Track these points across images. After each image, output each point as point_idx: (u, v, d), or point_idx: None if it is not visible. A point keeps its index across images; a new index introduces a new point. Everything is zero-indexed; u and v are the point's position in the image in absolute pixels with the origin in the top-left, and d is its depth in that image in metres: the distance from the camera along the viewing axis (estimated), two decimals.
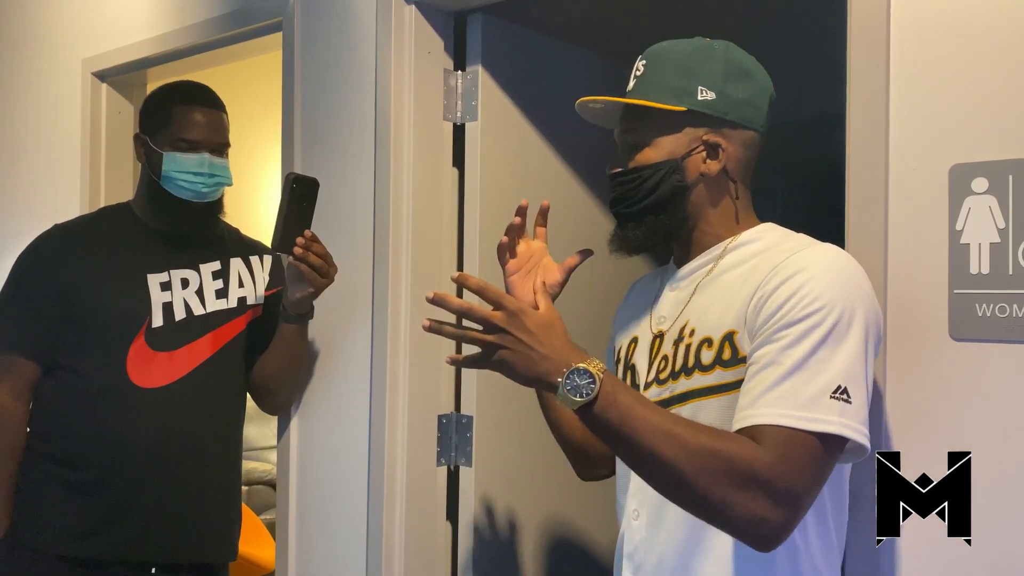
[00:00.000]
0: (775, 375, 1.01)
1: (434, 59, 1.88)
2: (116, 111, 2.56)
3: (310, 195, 1.66)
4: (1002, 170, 1.16)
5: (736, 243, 1.19)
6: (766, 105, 1.21)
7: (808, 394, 0.99)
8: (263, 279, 1.90)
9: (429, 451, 1.86)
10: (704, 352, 1.13)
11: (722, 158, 1.18)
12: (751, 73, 1.20)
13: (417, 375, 1.83)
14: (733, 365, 1.09)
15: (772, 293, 1.06)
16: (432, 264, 1.87)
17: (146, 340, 1.72)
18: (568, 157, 2.06)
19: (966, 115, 1.19)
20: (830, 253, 1.10)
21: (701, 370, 1.13)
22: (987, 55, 1.18)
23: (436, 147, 1.88)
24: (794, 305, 1.03)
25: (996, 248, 1.17)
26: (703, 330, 1.14)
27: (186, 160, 1.73)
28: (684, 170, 1.19)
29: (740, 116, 1.18)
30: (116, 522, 1.69)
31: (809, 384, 1.00)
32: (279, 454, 2.01)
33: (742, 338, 1.09)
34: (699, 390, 1.12)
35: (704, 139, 1.18)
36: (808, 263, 1.07)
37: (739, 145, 1.19)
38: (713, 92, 1.17)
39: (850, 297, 1.04)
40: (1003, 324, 1.16)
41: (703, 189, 1.20)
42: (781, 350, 1.02)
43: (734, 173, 1.20)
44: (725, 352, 1.10)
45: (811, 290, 1.03)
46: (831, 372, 1.01)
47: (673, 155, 1.19)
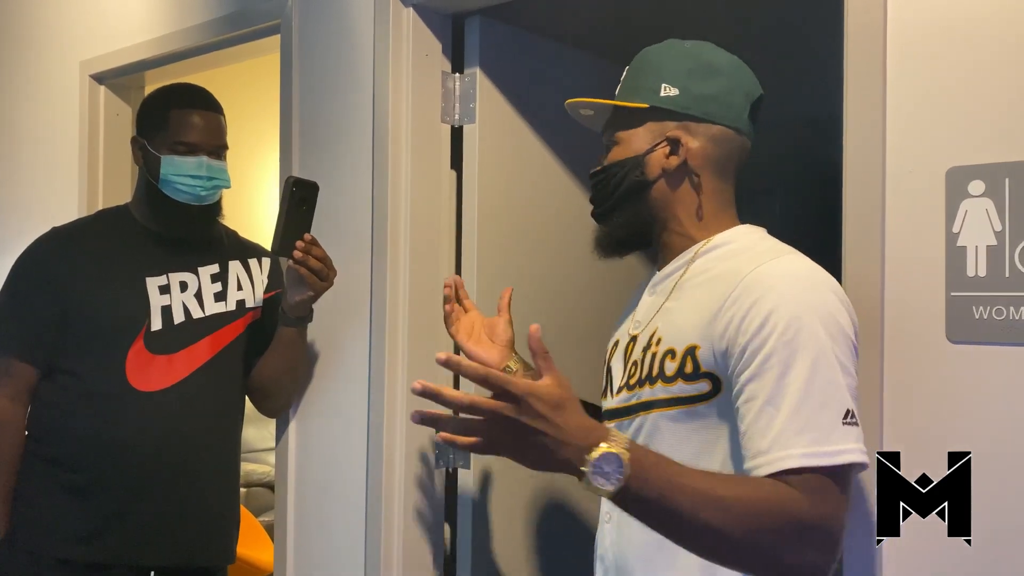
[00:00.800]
0: (781, 411, 0.99)
1: (432, 61, 1.88)
2: (114, 113, 2.56)
3: (310, 198, 1.66)
4: (999, 173, 1.17)
5: (707, 247, 1.19)
6: (739, 102, 1.20)
7: (823, 427, 0.98)
8: (262, 282, 1.90)
9: (429, 452, 1.86)
10: (668, 363, 1.13)
11: (682, 152, 1.19)
12: (720, 70, 1.20)
13: (415, 378, 1.81)
14: (694, 379, 1.10)
15: (743, 318, 1.05)
16: (430, 267, 1.87)
17: (145, 343, 1.72)
18: (566, 159, 2.06)
19: (963, 118, 1.20)
20: (790, 267, 1.08)
21: (664, 380, 1.13)
22: (984, 58, 1.19)
23: (434, 149, 1.88)
24: (770, 333, 1.02)
25: (993, 251, 1.17)
26: (667, 340, 1.15)
27: (184, 163, 1.73)
28: (645, 165, 1.20)
29: (705, 111, 1.19)
30: (115, 525, 1.69)
31: (820, 415, 0.99)
32: (277, 456, 2.01)
33: (704, 353, 1.09)
34: (662, 400, 1.13)
35: (667, 135, 1.19)
36: (771, 282, 1.05)
37: (705, 140, 1.19)
38: (676, 88, 1.19)
39: (821, 311, 1.03)
40: (1000, 326, 1.16)
41: (665, 184, 1.21)
42: (776, 382, 1.00)
43: (699, 168, 1.20)
44: (687, 365, 1.11)
45: (783, 314, 1.02)
46: (836, 397, 1.00)
47: (638, 151, 1.21)
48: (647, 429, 1.15)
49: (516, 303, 1.97)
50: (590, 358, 2.09)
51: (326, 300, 1.76)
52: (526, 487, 1.98)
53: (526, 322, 1.95)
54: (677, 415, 1.12)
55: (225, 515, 1.84)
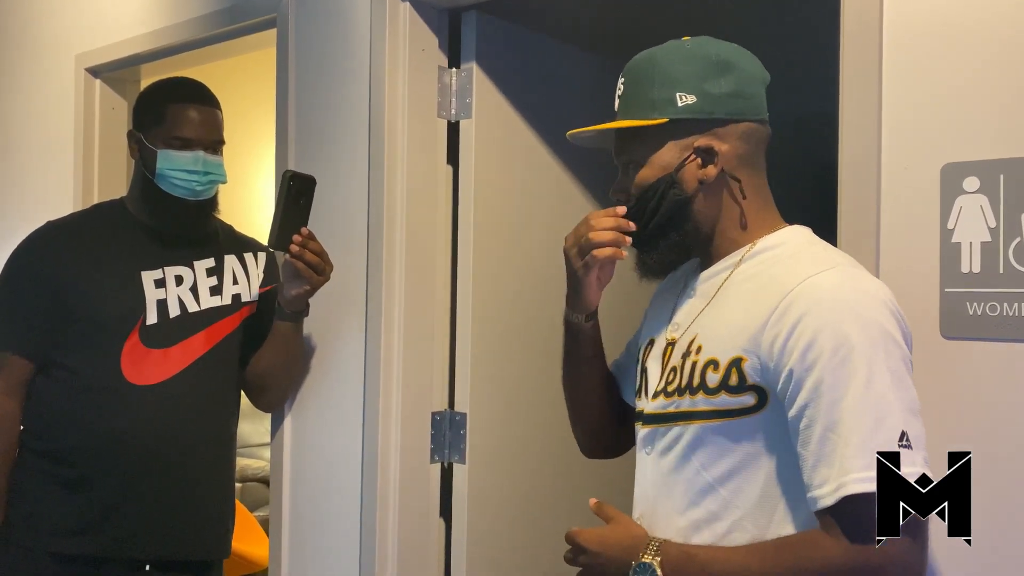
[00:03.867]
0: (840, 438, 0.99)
1: (428, 56, 1.88)
2: (110, 107, 2.56)
3: (307, 192, 1.66)
4: (993, 169, 1.17)
5: (754, 250, 1.15)
6: (758, 91, 1.16)
7: (875, 449, 0.97)
8: (257, 276, 1.90)
9: (423, 448, 1.87)
10: (710, 374, 1.10)
11: (718, 161, 1.13)
12: (732, 63, 1.15)
13: (410, 372, 1.84)
14: (739, 392, 1.08)
15: (788, 337, 1.03)
16: (426, 262, 1.87)
17: (140, 337, 1.72)
18: (563, 155, 2.06)
19: (958, 114, 1.20)
20: (836, 280, 1.05)
21: (706, 392, 1.10)
22: (980, 55, 1.19)
23: (430, 144, 1.88)
24: (818, 355, 1.00)
25: (987, 247, 1.17)
26: (709, 350, 1.12)
27: (180, 158, 1.72)
28: (681, 182, 1.15)
29: (729, 111, 1.14)
30: (110, 519, 1.69)
31: (874, 437, 0.97)
32: (272, 451, 2.02)
33: (750, 366, 1.07)
34: (703, 412, 1.11)
35: (696, 146, 1.14)
36: (817, 297, 1.03)
37: (736, 140, 1.14)
38: (693, 95, 1.13)
39: (871, 327, 1.01)
40: (994, 323, 1.16)
41: (706, 196, 1.15)
42: (830, 408, 0.99)
43: (736, 171, 1.15)
44: (732, 378, 1.08)
45: (830, 334, 1.00)
46: (888, 421, 0.98)
47: (667, 169, 1.15)
48: (687, 440, 1.13)
49: (513, 299, 1.98)
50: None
51: (322, 294, 1.76)
52: (522, 481, 1.98)
53: (526, 316, 1.97)
54: (720, 427, 1.09)
55: (220, 509, 1.84)
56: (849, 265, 1.10)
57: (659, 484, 1.18)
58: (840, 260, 1.11)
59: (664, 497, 1.17)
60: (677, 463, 1.15)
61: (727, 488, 1.10)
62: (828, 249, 1.14)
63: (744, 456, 1.09)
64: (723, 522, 1.10)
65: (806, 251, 1.13)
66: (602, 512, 1.19)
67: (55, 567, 1.68)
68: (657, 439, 1.19)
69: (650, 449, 1.20)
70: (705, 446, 1.11)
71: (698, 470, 1.12)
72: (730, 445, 1.09)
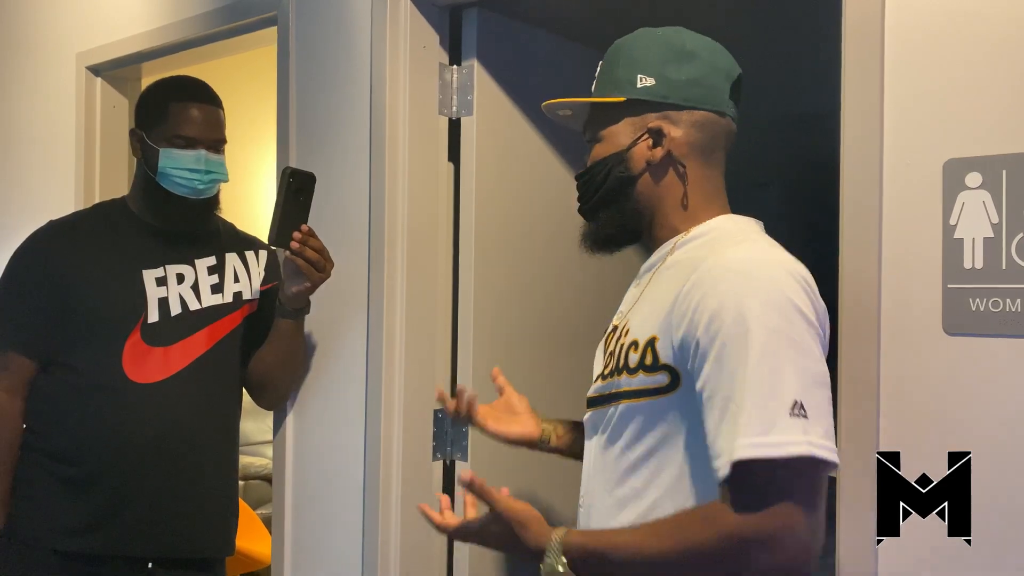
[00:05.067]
0: (736, 407, 0.97)
1: (429, 53, 1.88)
2: (111, 105, 2.55)
3: (307, 189, 1.66)
4: (996, 165, 1.17)
5: (686, 238, 1.18)
6: (720, 84, 1.18)
7: (767, 419, 0.95)
8: (258, 274, 1.90)
9: (425, 446, 1.87)
10: (631, 355, 1.13)
11: (666, 144, 1.17)
12: (696, 53, 1.18)
13: (412, 370, 1.83)
14: (653, 371, 1.09)
15: (694, 312, 1.03)
16: (428, 259, 1.87)
17: (142, 335, 1.72)
18: (564, 152, 2.06)
19: (961, 110, 1.20)
20: (742, 254, 1.06)
21: (628, 372, 1.13)
22: (982, 50, 1.19)
23: (431, 142, 1.88)
24: (719, 327, 1.00)
25: (989, 243, 1.17)
26: (633, 332, 1.15)
27: (183, 157, 1.72)
28: (629, 160, 1.19)
29: (684, 97, 1.17)
30: (112, 517, 1.69)
31: (766, 407, 0.96)
32: (275, 449, 2.02)
33: (663, 345, 1.08)
34: (626, 392, 1.14)
35: (649, 126, 1.18)
36: (720, 272, 1.03)
37: (689, 128, 1.17)
38: (652, 77, 1.17)
39: (773, 295, 1.00)
40: (997, 318, 1.16)
41: (650, 178, 1.19)
42: (730, 378, 0.98)
43: (684, 157, 1.17)
44: (647, 357, 1.10)
45: (731, 306, 1.00)
46: (785, 386, 0.96)
47: (620, 147, 1.19)
48: (617, 419, 1.16)
49: (515, 297, 1.97)
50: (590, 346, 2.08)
51: (324, 292, 1.76)
52: (524, 479, 1.98)
53: (528, 312, 1.97)
54: (639, 407, 1.12)
55: (224, 506, 1.84)
56: (766, 244, 1.11)
57: (596, 463, 1.21)
58: (755, 239, 1.12)
59: (599, 475, 1.20)
60: (607, 443, 1.18)
61: (647, 467, 1.12)
62: (749, 233, 1.15)
63: (661, 436, 1.10)
64: (644, 500, 1.12)
65: (730, 236, 1.14)
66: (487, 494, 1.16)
67: (59, 564, 1.69)
68: (597, 421, 1.21)
69: (593, 432, 1.23)
70: (628, 425, 1.13)
71: (623, 449, 1.15)
72: (649, 424, 1.11)
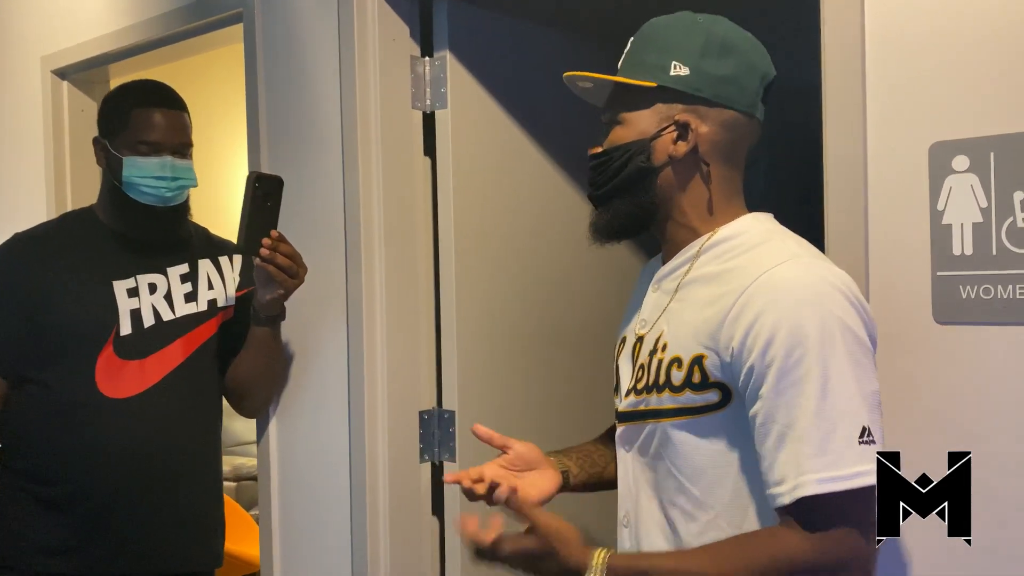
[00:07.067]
0: (796, 436, 0.97)
1: (399, 46, 1.82)
2: (79, 109, 2.50)
3: (274, 194, 1.61)
4: (983, 147, 1.13)
5: (712, 240, 1.12)
6: (754, 85, 1.12)
7: (838, 449, 0.96)
8: (233, 280, 1.85)
9: (411, 448, 1.83)
10: (675, 372, 1.08)
11: (691, 139, 1.11)
12: (736, 49, 1.11)
13: (396, 371, 1.79)
14: (703, 389, 1.06)
15: (747, 333, 1.01)
16: (407, 257, 1.83)
17: (115, 349, 1.67)
18: (544, 143, 2.01)
19: (946, 90, 1.16)
20: (794, 273, 1.02)
21: (672, 390, 1.09)
22: (968, 27, 1.14)
23: (405, 137, 1.83)
24: (776, 352, 0.98)
25: (979, 228, 1.13)
26: (674, 347, 1.10)
27: (147, 164, 1.67)
28: (652, 151, 1.12)
29: (717, 94, 1.10)
30: (91, 537, 1.65)
31: (834, 436, 0.96)
32: (259, 453, 1.98)
33: (712, 363, 1.05)
34: (669, 410, 1.10)
35: (676, 119, 1.11)
36: (774, 293, 1.00)
37: (716, 126, 1.11)
38: (687, 67, 1.10)
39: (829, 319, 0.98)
40: (988, 306, 1.12)
41: (671, 172, 1.13)
42: (789, 405, 0.97)
43: (708, 156, 1.12)
44: (695, 375, 1.06)
45: (788, 329, 0.98)
46: (850, 413, 0.97)
47: (644, 135, 1.13)
48: (658, 439, 1.12)
49: (498, 292, 1.93)
50: (580, 348, 2.05)
51: (304, 295, 1.71)
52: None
53: (512, 310, 1.93)
54: (686, 425, 1.08)
55: (208, 520, 1.80)
56: (808, 256, 1.07)
57: (640, 482, 1.17)
58: (799, 251, 1.07)
59: (644, 496, 1.16)
60: (651, 461, 1.15)
61: (698, 487, 1.09)
62: (787, 238, 1.11)
63: (712, 453, 1.07)
64: (697, 522, 1.09)
65: (765, 243, 1.09)
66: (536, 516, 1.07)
67: None
68: (633, 437, 1.18)
69: (629, 447, 1.20)
70: (674, 444, 1.10)
71: (670, 468, 1.11)
72: (698, 443, 1.08)
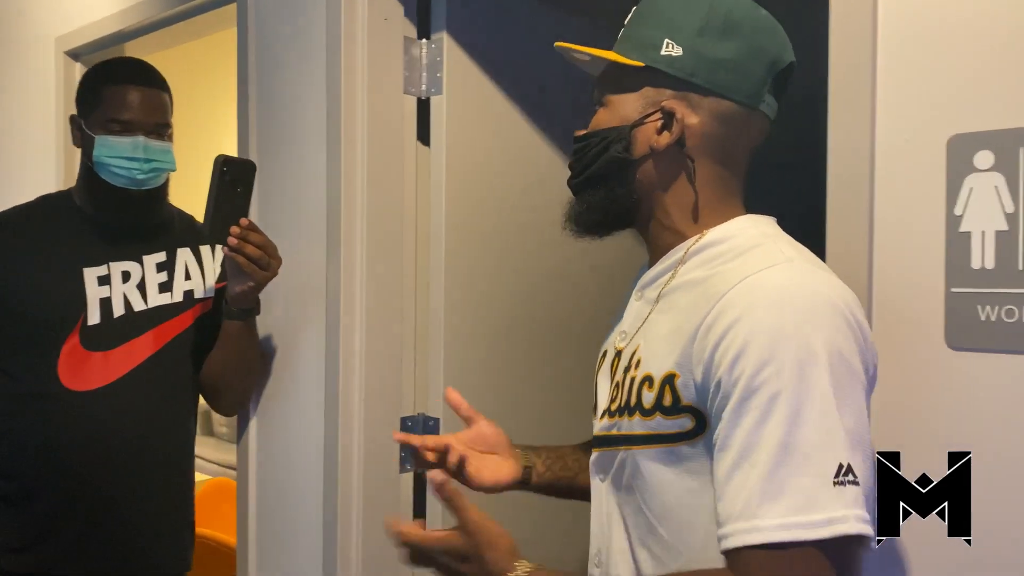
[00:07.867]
0: (756, 469, 0.80)
1: (392, 26, 1.70)
2: None
3: (244, 179, 1.51)
4: (1011, 141, 0.95)
5: (699, 244, 0.97)
6: (760, 72, 0.96)
7: (806, 488, 0.79)
8: (214, 270, 1.76)
9: (390, 457, 1.71)
10: (645, 392, 0.94)
11: (676, 130, 0.96)
12: (741, 28, 0.96)
13: (376, 374, 1.68)
14: (674, 414, 0.91)
15: (717, 346, 0.85)
16: (392, 252, 1.71)
17: (80, 339, 1.59)
18: (546, 130, 1.87)
19: (967, 76, 0.98)
20: (778, 280, 0.86)
21: (643, 413, 0.94)
22: (992, 4, 0.97)
23: (395, 124, 1.71)
24: (745, 367, 0.82)
25: (1003, 237, 0.96)
26: (646, 364, 0.95)
27: (119, 144, 1.58)
28: (632, 140, 0.98)
29: (711, 80, 0.95)
30: (51, 535, 1.58)
31: (802, 474, 0.79)
32: (239, 456, 1.89)
33: (684, 383, 0.90)
34: (640, 436, 0.94)
35: (662, 105, 0.96)
36: (751, 300, 0.85)
37: (708, 117, 0.96)
38: (681, 47, 0.95)
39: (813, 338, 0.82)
40: (1010, 331, 0.95)
41: (652, 166, 0.98)
42: (753, 431, 0.81)
43: (696, 151, 0.97)
44: (666, 397, 0.91)
45: (762, 343, 0.82)
46: (827, 448, 0.80)
47: (625, 121, 0.99)
48: (629, 469, 0.98)
49: (490, 290, 1.80)
50: (580, 354, 1.91)
51: (281, 290, 1.62)
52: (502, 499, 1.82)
53: (504, 310, 1.80)
54: (657, 455, 0.93)
55: (175, 522, 1.71)
56: (803, 261, 0.90)
57: (613, 516, 1.03)
58: (793, 255, 0.90)
59: (617, 533, 1.02)
60: (623, 495, 1.00)
61: (667, 528, 0.93)
62: (782, 242, 0.94)
63: (683, 492, 0.91)
64: (666, 567, 0.93)
65: (757, 246, 0.92)
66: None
67: None
68: (607, 465, 1.03)
69: (603, 476, 1.05)
70: (643, 476, 0.95)
71: (639, 506, 0.96)
72: (668, 476, 0.92)
